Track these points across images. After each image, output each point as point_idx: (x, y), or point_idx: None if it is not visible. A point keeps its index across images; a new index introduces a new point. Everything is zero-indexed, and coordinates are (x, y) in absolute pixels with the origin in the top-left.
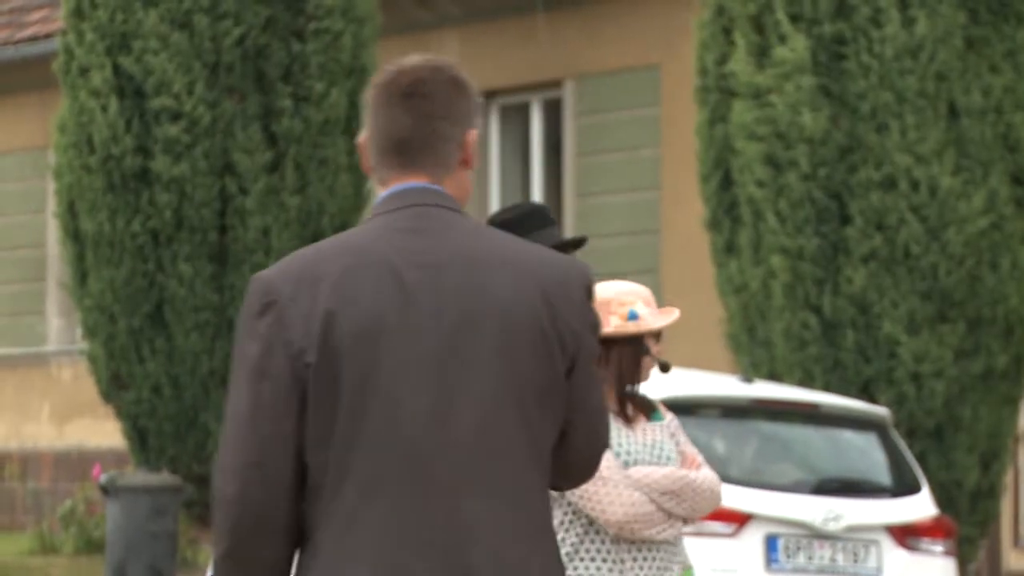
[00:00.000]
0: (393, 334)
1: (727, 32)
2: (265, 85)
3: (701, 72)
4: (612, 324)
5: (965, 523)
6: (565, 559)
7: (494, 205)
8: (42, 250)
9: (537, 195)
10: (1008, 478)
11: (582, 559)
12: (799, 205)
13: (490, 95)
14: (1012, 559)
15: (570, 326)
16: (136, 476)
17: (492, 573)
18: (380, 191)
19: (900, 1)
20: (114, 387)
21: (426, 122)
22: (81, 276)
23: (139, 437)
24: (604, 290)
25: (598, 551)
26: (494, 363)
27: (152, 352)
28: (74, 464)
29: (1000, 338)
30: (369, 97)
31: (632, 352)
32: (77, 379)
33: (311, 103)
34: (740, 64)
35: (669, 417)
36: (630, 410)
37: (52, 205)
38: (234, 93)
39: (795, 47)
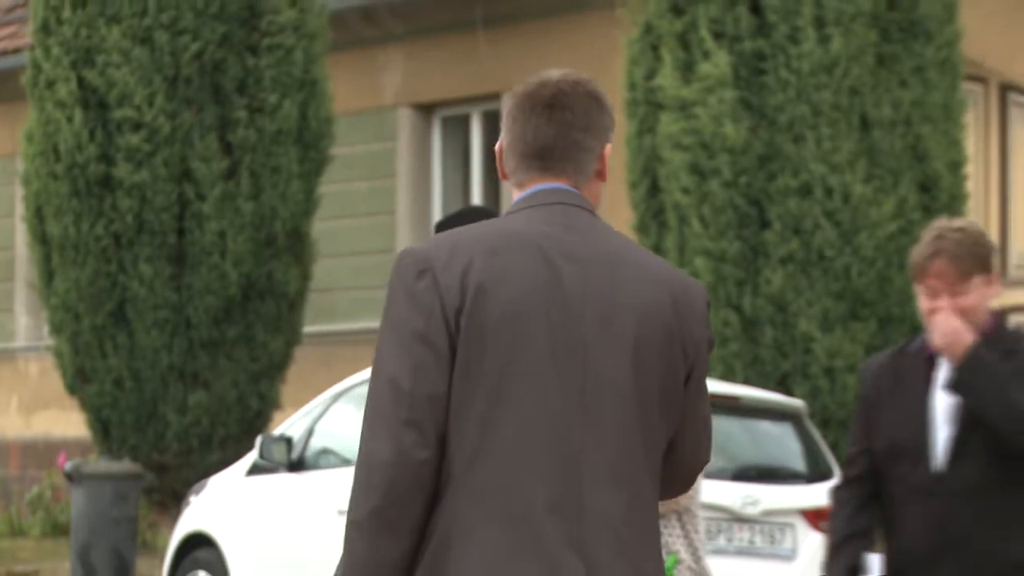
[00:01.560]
0: (540, 317)
1: (654, 49)
2: (221, 97)
3: (630, 86)
4: None
5: None
6: None
7: (436, 210)
8: (11, 252)
9: (476, 201)
10: None
11: None
12: (721, 211)
13: (432, 107)
14: None
15: (692, 336)
16: (99, 464)
17: (607, 560)
18: (516, 194)
19: (816, 20)
20: (79, 381)
21: (567, 132)
22: (48, 276)
23: (102, 427)
24: None
25: None
26: (629, 360)
27: (114, 348)
28: (41, 453)
29: (907, 335)
30: (509, 106)
31: None
32: (44, 373)
33: (265, 114)
34: (667, 79)
35: None
36: None
37: (20, 210)
38: (192, 105)
39: (718, 63)
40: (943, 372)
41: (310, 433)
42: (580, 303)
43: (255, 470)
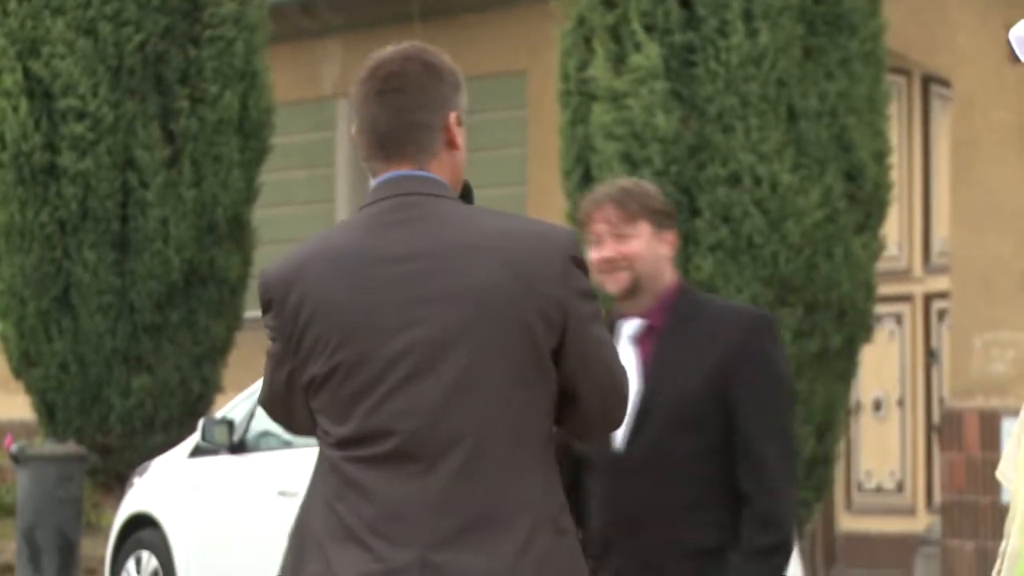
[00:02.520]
0: (372, 330)
1: (587, 41)
2: (164, 87)
3: (564, 77)
4: None
5: (802, 488)
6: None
7: None
8: None
9: None
10: (841, 447)
11: None
12: None
13: None
14: (844, 521)
15: (553, 299)
16: (44, 446)
17: (472, 548)
18: (373, 182)
19: (744, 14)
20: (24, 364)
21: (401, 115)
22: None
23: (47, 410)
24: None
25: None
26: (473, 349)
27: (59, 332)
28: None
29: (834, 320)
30: (352, 93)
31: None
32: None
33: (206, 104)
34: (599, 70)
35: None
36: None
37: None
38: (135, 94)
39: (649, 55)
40: (627, 330)
41: (251, 416)
42: (411, 301)
43: (197, 452)
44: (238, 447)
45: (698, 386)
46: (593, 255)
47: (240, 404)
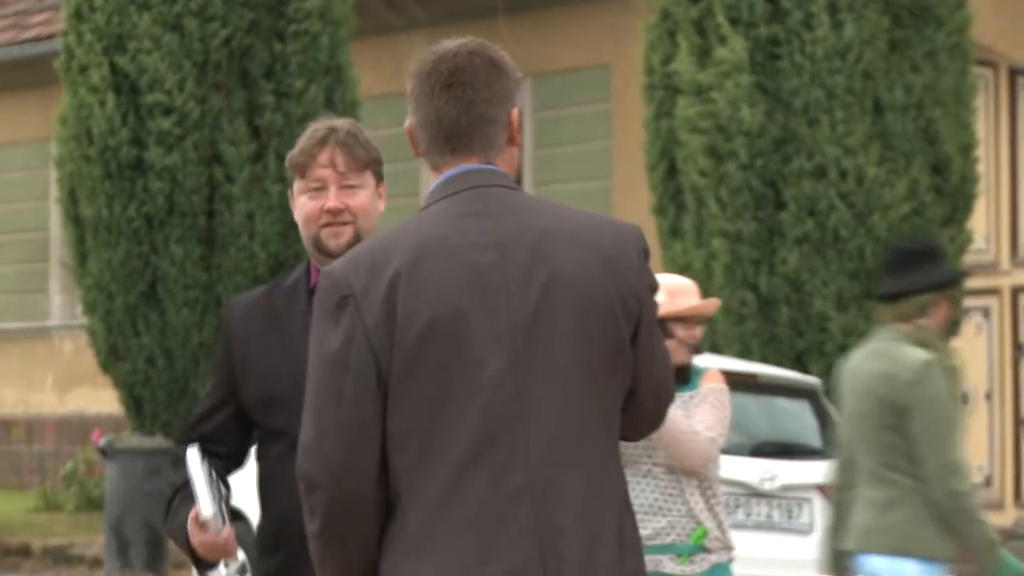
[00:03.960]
0: (470, 319)
1: (672, 34)
2: (249, 82)
3: (648, 71)
4: None
5: None
6: None
7: None
8: (45, 233)
9: None
10: None
11: None
12: (738, 192)
13: None
14: None
15: (632, 289)
16: (132, 440)
17: (580, 544)
18: (433, 176)
19: (830, 6)
20: (112, 358)
21: (470, 108)
22: (81, 257)
23: (135, 404)
24: None
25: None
26: (566, 337)
27: (146, 326)
28: (75, 429)
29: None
30: (411, 85)
31: None
32: (78, 351)
33: (291, 99)
34: (684, 64)
35: (703, 390)
36: None
37: (54, 192)
38: (221, 89)
39: (734, 48)
40: None
41: None
42: (506, 294)
43: None
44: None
45: None
46: (309, 203)
47: None
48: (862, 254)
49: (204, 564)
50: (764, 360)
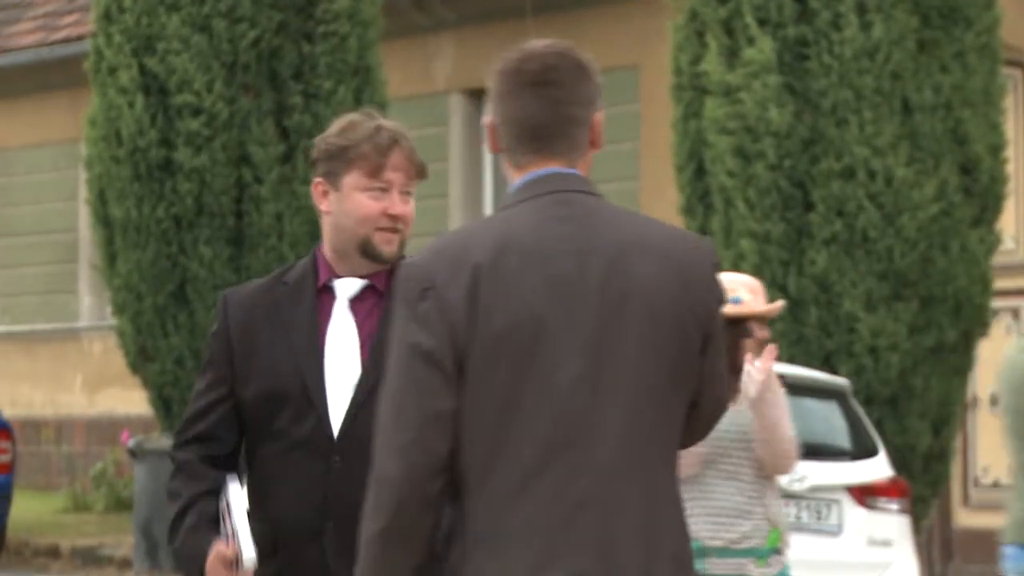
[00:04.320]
0: (548, 324)
1: (700, 35)
2: (278, 83)
3: (676, 72)
4: None
5: (918, 484)
6: None
7: (487, 193)
8: (74, 234)
9: None
10: (957, 443)
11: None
12: (766, 193)
13: (482, 93)
14: (961, 517)
15: (704, 303)
16: (161, 441)
17: (638, 556)
18: (515, 175)
19: (858, 6)
20: (141, 359)
21: (559, 108)
22: (110, 258)
23: (164, 405)
24: None
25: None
26: (640, 348)
27: (175, 327)
28: (104, 430)
29: (950, 315)
30: (496, 82)
31: (734, 334)
32: (107, 352)
33: (320, 100)
34: (712, 64)
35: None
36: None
37: (83, 193)
38: (250, 90)
39: (762, 48)
40: (344, 291)
41: None
42: (584, 302)
43: None
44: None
45: None
46: (370, 203)
47: None
48: (891, 255)
49: None
50: (792, 361)
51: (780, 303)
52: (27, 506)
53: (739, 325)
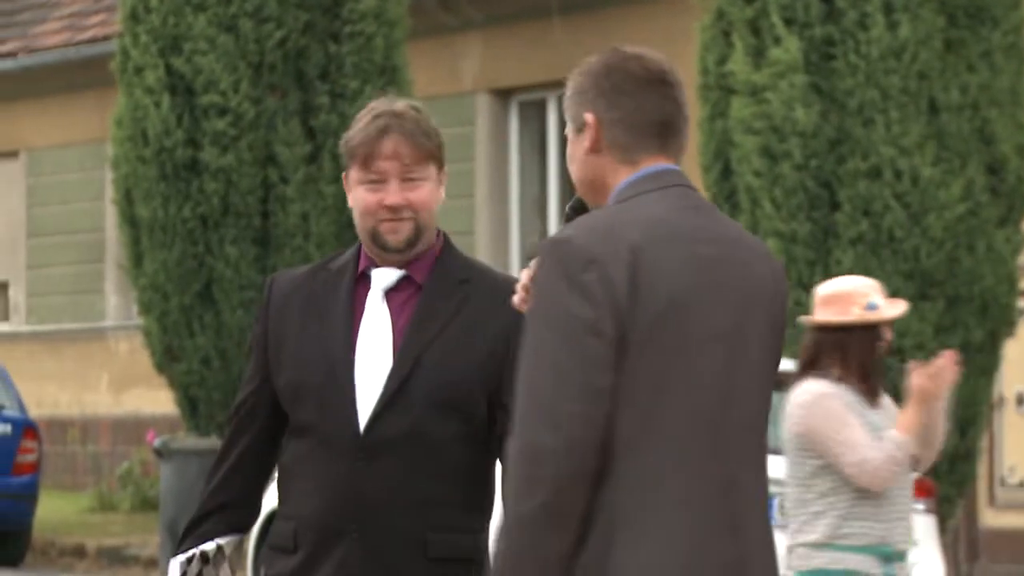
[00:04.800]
0: (695, 306)
1: (726, 35)
2: (304, 83)
3: (702, 71)
4: (854, 314)
5: (944, 484)
6: (839, 521)
7: (513, 193)
8: (101, 234)
9: (553, 185)
10: (984, 443)
11: (855, 519)
12: (792, 193)
13: (509, 93)
14: (988, 517)
15: (785, 307)
16: (187, 440)
17: (758, 546)
18: (625, 171)
19: (885, 6)
20: (167, 359)
21: (682, 109)
22: (137, 258)
23: (190, 405)
24: (844, 284)
25: (867, 512)
26: (761, 341)
27: (202, 327)
28: (130, 429)
29: (976, 315)
30: (613, 79)
31: (871, 338)
32: (133, 352)
33: (346, 100)
34: (738, 64)
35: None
36: (873, 389)
37: (110, 193)
38: (276, 90)
39: (789, 48)
40: (379, 281)
41: None
42: (725, 287)
43: None
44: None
45: (468, 368)
46: (368, 196)
47: None
48: (917, 255)
49: None
50: None
51: (904, 304)
52: (53, 506)
53: (874, 330)
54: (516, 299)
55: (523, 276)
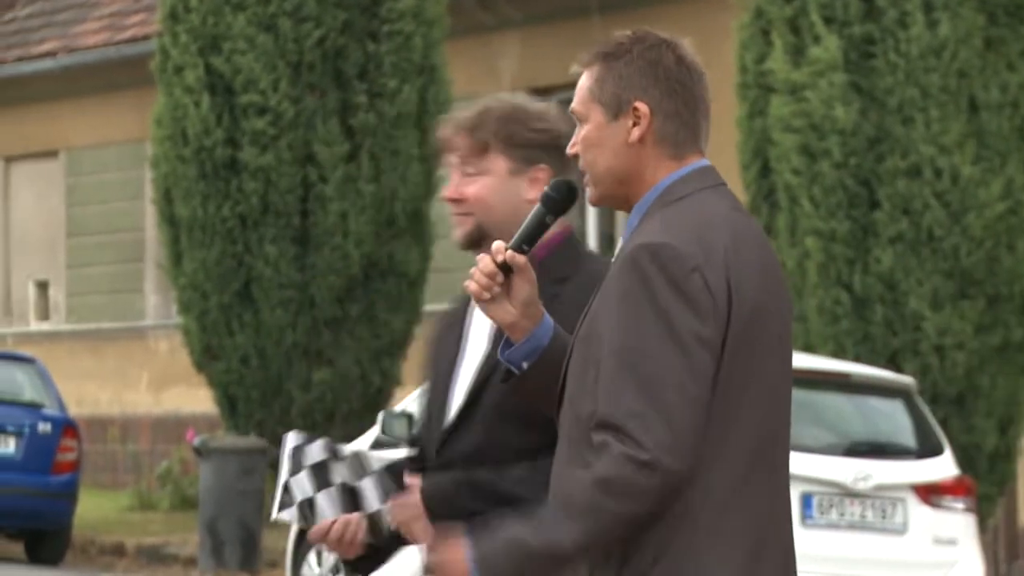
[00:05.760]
0: (766, 311)
1: (765, 33)
2: (343, 82)
3: (741, 70)
4: None
5: (984, 482)
6: None
7: None
8: (141, 233)
9: None
10: (1023, 442)
11: None
12: (831, 191)
13: (548, 91)
14: None
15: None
16: (226, 439)
17: (792, 550)
18: (671, 165)
19: (924, 4)
20: (206, 358)
21: (710, 104)
22: (176, 257)
23: (229, 403)
24: None
25: None
26: (790, 345)
27: (241, 326)
28: (170, 428)
29: (1016, 313)
30: (665, 66)
31: None
32: (172, 351)
33: (385, 99)
34: (777, 62)
35: None
36: None
37: (149, 192)
38: (315, 90)
39: (828, 47)
40: (478, 314)
41: None
42: (780, 292)
43: (377, 445)
44: (418, 440)
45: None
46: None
47: (420, 397)
48: (957, 253)
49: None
50: (858, 359)
51: None
52: (93, 504)
53: None
54: (471, 286)
55: (481, 262)
